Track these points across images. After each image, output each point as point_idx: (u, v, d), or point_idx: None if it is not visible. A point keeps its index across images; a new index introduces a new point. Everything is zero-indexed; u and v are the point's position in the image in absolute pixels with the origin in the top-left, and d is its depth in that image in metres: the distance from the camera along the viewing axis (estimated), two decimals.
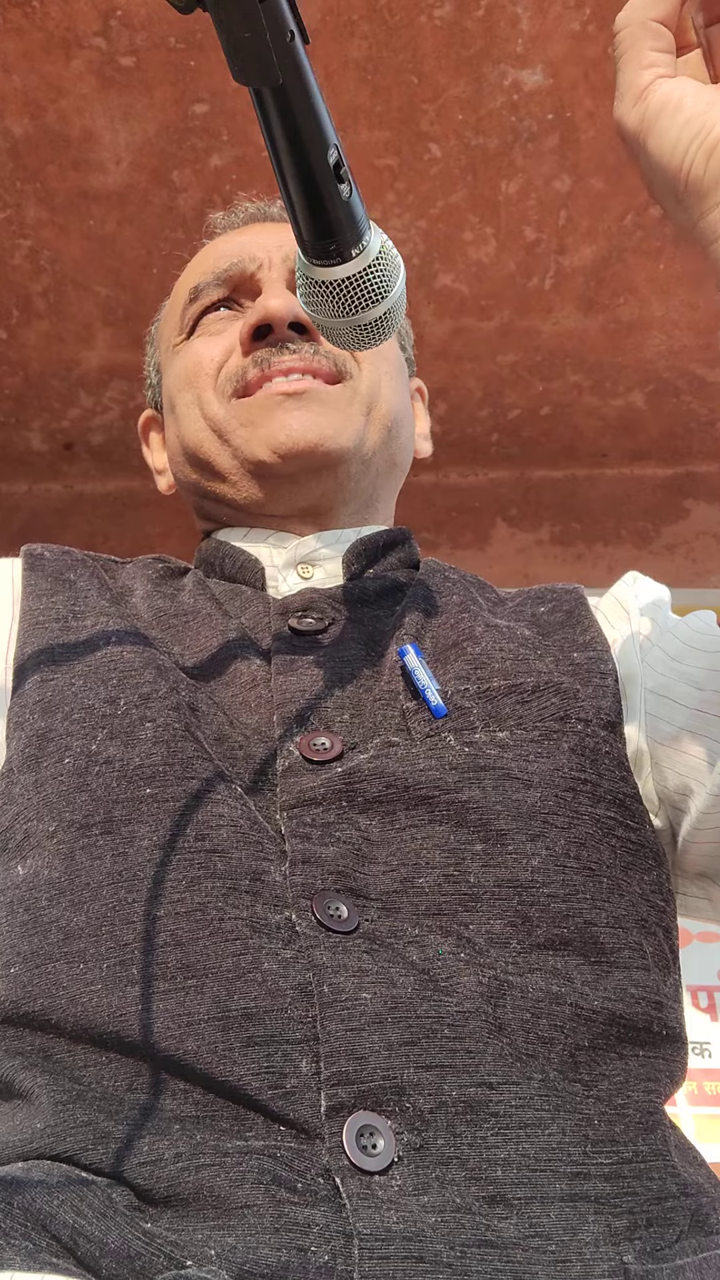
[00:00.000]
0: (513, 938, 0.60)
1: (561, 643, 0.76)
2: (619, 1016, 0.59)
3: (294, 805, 0.64)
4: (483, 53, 1.60)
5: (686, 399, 2.23)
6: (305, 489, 0.84)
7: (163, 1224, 0.50)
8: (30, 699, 0.70)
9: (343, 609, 0.78)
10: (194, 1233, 0.49)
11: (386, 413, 0.87)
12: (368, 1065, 0.54)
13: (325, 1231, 0.49)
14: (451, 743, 0.66)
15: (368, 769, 0.65)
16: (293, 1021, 0.55)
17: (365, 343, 0.65)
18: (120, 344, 2.06)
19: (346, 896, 0.60)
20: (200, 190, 1.79)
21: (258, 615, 0.78)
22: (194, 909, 0.59)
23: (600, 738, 0.69)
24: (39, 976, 0.60)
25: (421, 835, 0.63)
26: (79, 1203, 0.50)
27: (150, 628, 0.76)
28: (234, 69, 0.52)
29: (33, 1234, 0.50)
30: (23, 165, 1.75)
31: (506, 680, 0.70)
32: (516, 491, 2.40)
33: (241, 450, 0.83)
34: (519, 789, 0.64)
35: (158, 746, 0.64)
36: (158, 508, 2.40)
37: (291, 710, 0.69)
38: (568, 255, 1.91)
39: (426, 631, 0.75)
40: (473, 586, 0.84)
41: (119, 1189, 0.52)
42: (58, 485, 2.43)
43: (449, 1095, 0.54)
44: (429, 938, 0.59)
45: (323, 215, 0.58)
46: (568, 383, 2.18)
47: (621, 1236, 0.52)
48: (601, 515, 2.40)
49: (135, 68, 1.61)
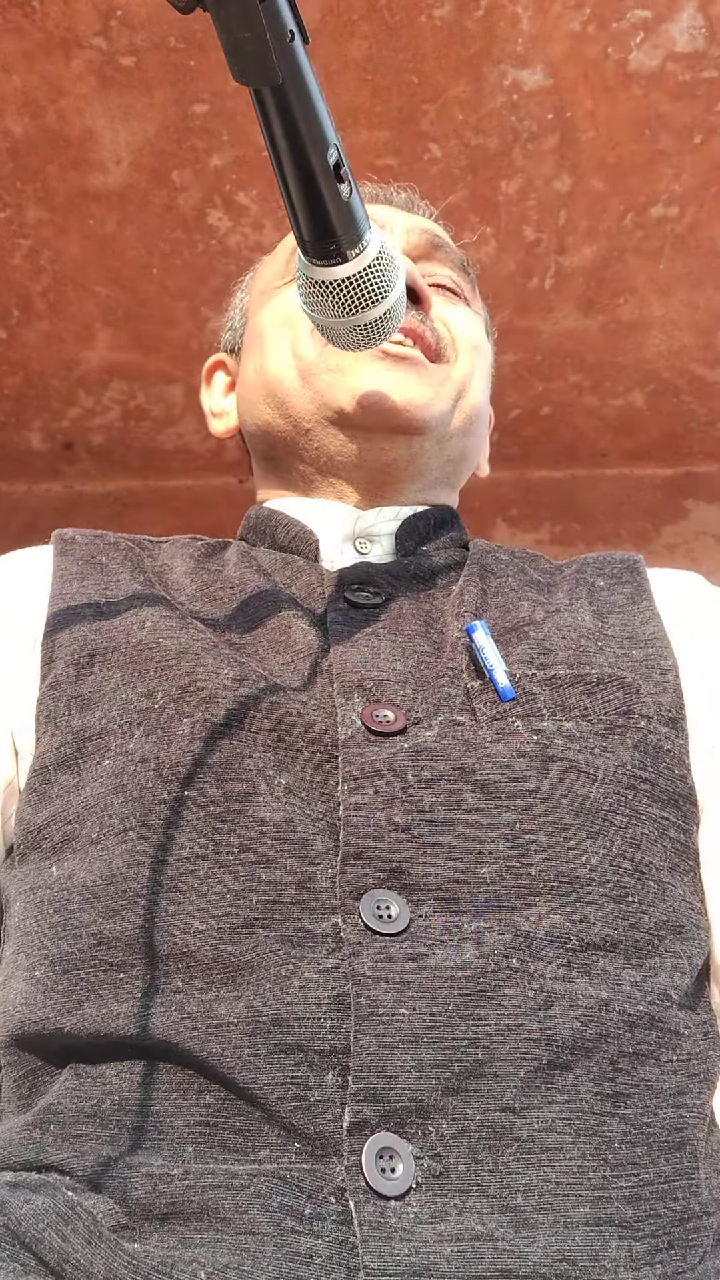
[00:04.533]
0: (571, 935, 0.59)
1: (620, 632, 0.74)
2: (659, 1020, 0.58)
3: (357, 777, 0.62)
4: (483, 53, 1.60)
5: (686, 399, 2.23)
6: (377, 449, 0.82)
7: (152, 1241, 0.49)
8: (66, 693, 0.68)
9: (399, 584, 0.77)
10: (185, 1252, 0.49)
11: (472, 405, 0.87)
12: (396, 1084, 0.53)
13: (327, 1264, 0.48)
14: (519, 729, 0.65)
15: (435, 747, 0.64)
16: (324, 1032, 0.54)
17: (365, 343, 0.65)
18: (120, 344, 2.06)
19: (400, 892, 0.58)
20: (200, 190, 1.79)
21: (311, 585, 0.77)
22: (239, 925, 0.57)
23: (662, 734, 0.68)
24: (66, 981, 0.59)
25: (486, 821, 0.61)
26: (64, 1226, 0.49)
27: (194, 601, 0.74)
28: (234, 69, 0.52)
29: (21, 1255, 0.50)
30: (23, 165, 1.75)
31: (570, 669, 0.69)
32: (516, 491, 2.40)
33: (323, 394, 0.81)
34: (584, 783, 0.63)
35: (194, 743, 0.63)
36: (158, 508, 2.40)
37: (352, 680, 0.67)
38: (568, 255, 1.91)
39: (485, 611, 0.74)
40: (526, 563, 0.82)
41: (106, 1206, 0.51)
42: (58, 485, 2.43)
43: (473, 1120, 0.53)
44: (487, 934, 0.57)
45: (323, 215, 0.58)
46: (568, 383, 2.18)
47: (643, 1261, 0.51)
48: (601, 515, 2.40)
49: (135, 68, 1.61)
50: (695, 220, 1.84)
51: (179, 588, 0.76)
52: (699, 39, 1.58)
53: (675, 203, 1.82)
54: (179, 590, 0.76)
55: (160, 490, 2.42)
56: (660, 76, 1.63)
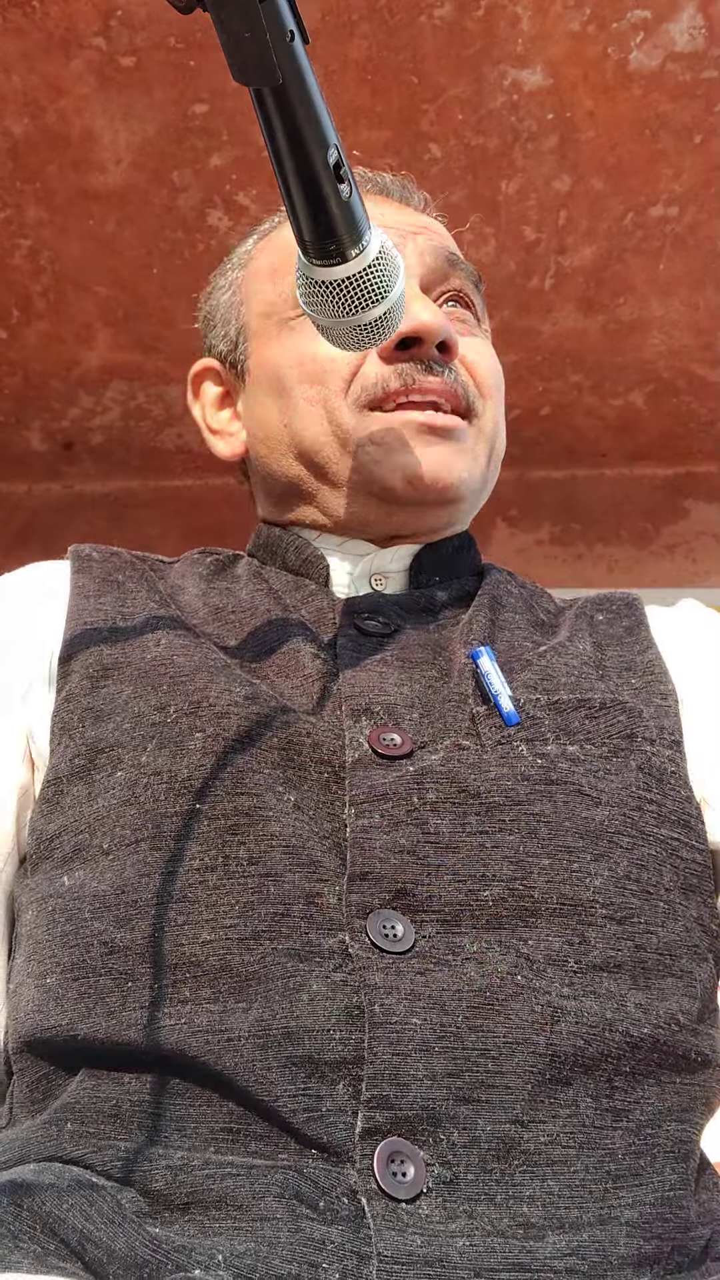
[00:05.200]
0: (570, 957, 0.59)
1: (618, 663, 0.75)
2: (662, 1044, 0.59)
3: (364, 800, 0.63)
4: (483, 53, 1.60)
5: (686, 399, 2.23)
6: (421, 519, 0.82)
7: (173, 1229, 0.50)
8: (80, 705, 0.69)
9: (409, 616, 0.78)
10: (205, 1238, 0.49)
11: (499, 451, 0.88)
12: (409, 1093, 0.53)
13: (339, 1250, 0.48)
14: (524, 752, 0.66)
15: (440, 770, 0.64)
16: (335, 1043, 0.54)
17: (365, 343, 0.65)
18: (120, 344, 2.06)
19: (404, 913, 0.59)
20: (200, 190, 1.79)
21: (322, 611, 0.77)
22: (247, 936, 0.58)
23: (665, 757, 0.68)
24: (76, 989, 0.59)
25: (490, 844, 0.62)
26: (88, 1207, 0.50)
27: (206, 624, 0.75)
28: (234, 69, 0.52)
29: (41, 1237, 0.50)
30: (23, 165, 1.75)
31: (574, 694, 0.70)
32: (516, 492, 2.40)
33: (368, 468, 0.79)
34: (588, 806, 0.64)
35: (206, 757, 0.63)
36: (158, 508, 2.40)
37: (361, 703, 0.68)
38: (568, 255, 1.91)
39: (493, 639, 0.75)
40: (534, 600, 0.83)
41: (129, 1194, 0.52)
42: (58, 485, 2.43)
43: (483, 1130, 0.53)
44: (488, 954, 0.58)
45: (323, 215, 0.57)
46: (568, 383, 2.18)
47: (651, 1259, 0.52)
48: (601, 515, 2.40)
49: (135, 68, 1.61)
50: (695, 220, 1.84)
51: (191, 610, 0.77)
52: (699, 39, 1.58)
53: (675, 203, 1.82)
54: (191, 613, 0.76)
55: (160, 490, 2.42)
56: (660, 76, 1.63)
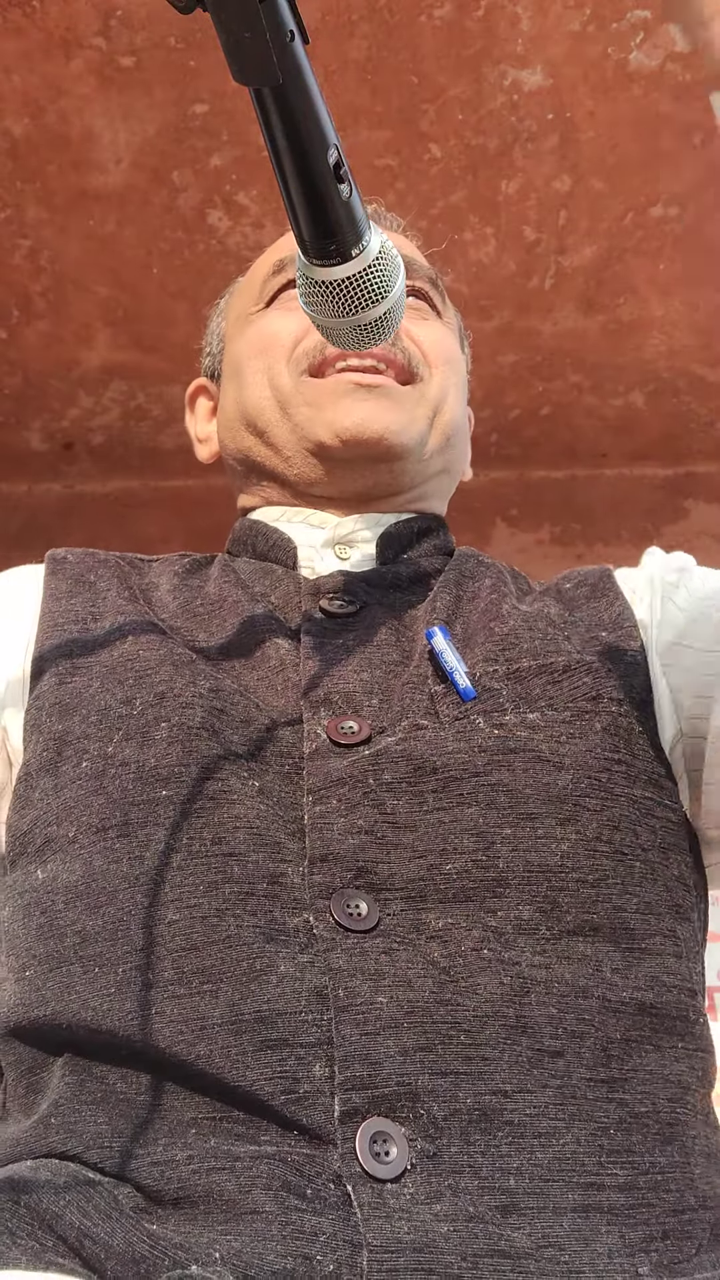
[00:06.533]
0: (541, 924, 0.59)
1: (588, 619, 0.75)
2: (650, 1006, 0.58)
3: (320, 788, 0.63)
4: (483, 53, 1.60)
5: (686, 399, 2.23)
6: (359, 476, 0.84)
7: (169, 1226, 0.50)
8: (48, 701, 0.70)
9: (375, 593, 0.78)
10: (200, 1235, 0.49)
11: (449, 421, 0.88)
12: (382, 1070, 0.53)
13: (332, 1240, 0.48)
14: (481, 725, 0.66)
15: (396, 750, 0.64)
16: (307, 1025, 0.55)
17: (365, 342, 0.65)
18: (120, 344, 2.06)
19: (367, 892, 0.59)
20: (200, 190, 1.79)
21: (288, 594, 0.78)
22: (210, 914, 0.58)
23: (634, 717, 0.68)
24: (54, 979, 0.60)
25: (449, 819, 0.62)
26: (85, 1203, 0.51)
27: (175, 618, 0.76)
28: (234, 69, 0.52)
29: (39, 1233, 0.50)
30: (23, 165, 1.75)
31: (536, 660, 0.70)
32: (516, 491, 2.40)
33: (302, 427, 0.83)
34: (549, 771, 0.64)
35: (173, 746, 0.64)
36: (157, 508, 2.40)
37: (320, 694, 0.69)
38: (568, 255, 1.91)
39: (457, 616, 0.75)
40: (505, 573, 0.84)
41: (125, 1189, 0.52)
42: (58, 485, 2.43)
43: (463, 1103, 0.53)
44: (454, 930, 0.58)
45: (323, 215, 0.58)
46: (568, 383, 2.18)
47: (637, 1248, 0.51)
48: (601, 515, 2.40)
49: (135, 68, 1.61)
50: (695, 220, 1.84)
51: (161, 605, 0.78)
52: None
53: (675, 203, 1.82)
54: (161, 608, 0.78)
55: (160, 490, 2.42)
56: (660, 76, 1.63)
